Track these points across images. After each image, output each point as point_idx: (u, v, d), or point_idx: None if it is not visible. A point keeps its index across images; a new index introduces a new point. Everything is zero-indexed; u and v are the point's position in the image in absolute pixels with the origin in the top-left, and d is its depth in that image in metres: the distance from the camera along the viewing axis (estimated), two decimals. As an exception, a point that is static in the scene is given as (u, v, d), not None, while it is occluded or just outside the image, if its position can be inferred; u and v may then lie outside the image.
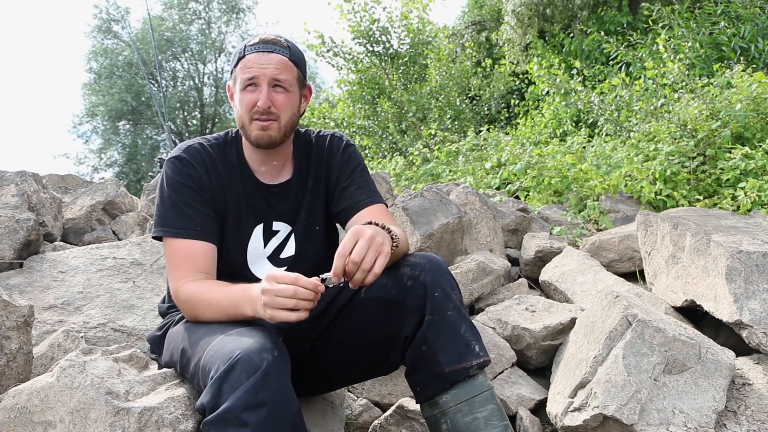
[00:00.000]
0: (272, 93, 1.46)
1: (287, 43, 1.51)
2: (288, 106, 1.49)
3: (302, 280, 1.18)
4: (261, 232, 1.57)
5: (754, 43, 6.44)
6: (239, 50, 1.50)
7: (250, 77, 1.45)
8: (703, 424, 1.55)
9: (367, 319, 1.46)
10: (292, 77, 1.49)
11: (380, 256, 1.23)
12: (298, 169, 1.61)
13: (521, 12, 9.35)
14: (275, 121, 1.47)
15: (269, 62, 1.46)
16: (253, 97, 1.46)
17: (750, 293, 1.82)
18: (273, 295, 1.19)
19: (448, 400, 1.38)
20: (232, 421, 1.11)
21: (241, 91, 1.47)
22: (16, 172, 2.93)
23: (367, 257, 1.21)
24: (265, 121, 1.46)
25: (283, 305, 1.18)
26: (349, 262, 1.21)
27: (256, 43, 1.48)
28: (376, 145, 10.02)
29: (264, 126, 1.47)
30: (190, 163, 1.49)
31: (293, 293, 1.17)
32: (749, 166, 3.73)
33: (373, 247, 1.23)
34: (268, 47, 1.47)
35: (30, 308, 1.58)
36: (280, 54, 1.47)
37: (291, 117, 1.51)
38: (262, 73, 1.45)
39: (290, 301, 1.18)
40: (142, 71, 17.27)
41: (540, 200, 4.61)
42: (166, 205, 1.48)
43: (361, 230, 1.25)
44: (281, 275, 1.20)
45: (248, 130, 1.49)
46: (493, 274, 2.60)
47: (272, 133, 1.48)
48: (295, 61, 1.50)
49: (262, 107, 1.45)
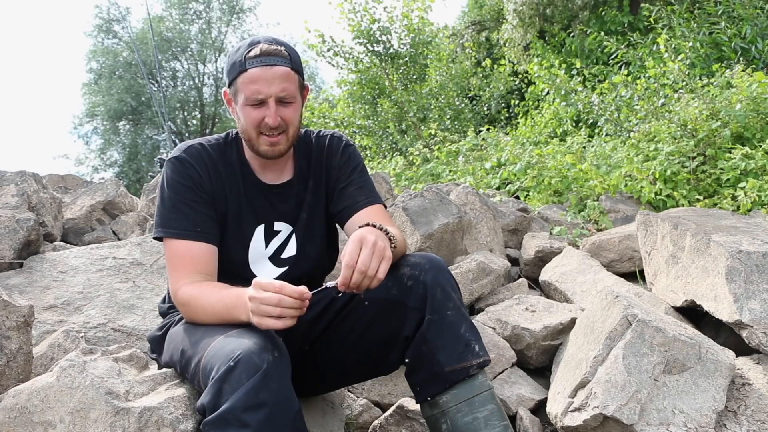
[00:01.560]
0: (280, 109, 1.44)
1: (287, 50, 1.47)
2: (295, 117, 1.48)
3: (287, 288, 1.18)
4: (262, 232, 1.57)
5: (754, 43, 6.44)
6: (239, 61, 1.44)
7: (256, 97, 1.42)
8: (703, 424, 1.55)
9: (367, 320, 1.47)
10: (295, 87, 1.47)
11: (383, 261, 1.25)
12: (298, 169, 1.61)
13: (522, 12, 9.35)
14: (284, 133, 1.47)
15: (274, 78, 1.42)
16: (260, 113, 1.44)
17: (750, 293, 1.82)
18: (258, 303, 1.19)
19: (448, 400, 1.38)
20: (233, 421, 1.11)
21: (245, 106, 1.45)
22: (16, 172, 2.93)
23: (371, 264, 1.23)
24: (275, 137, 1.46)
25: (269, 313, 1.18)
26: (356, 272, 1.22)
27: (257, 55, 1.42)
28: (376, 145, 10.02)
29: (274, 142, 1.46)
30: (190, 164, 1.49)
31: (278, 302, 1.17)
32: (749, 166, 3.73)
33: (376, 253, 1.24)
34: (270, 60, 1.42)
35: (30, 308, 1.58)
36: (283, 65, 1.44)
37: (297, 125, 1.51)
38: (268, 91, 1.42)
39: (275, 309, 1.17)
40: (142, 71, 17.26)
41: (540, 200, 4.61)
42: (166, 206, 1.47)
43: (363, 237, 1.25)
44: (266, 283, 1.19)
45: (256, 144, 1.48)
46: (493, 274, 2.60)
47: (281, 147, 1.49)
48: (296, 68, 1.48)
49: (272, 125, 1.44)
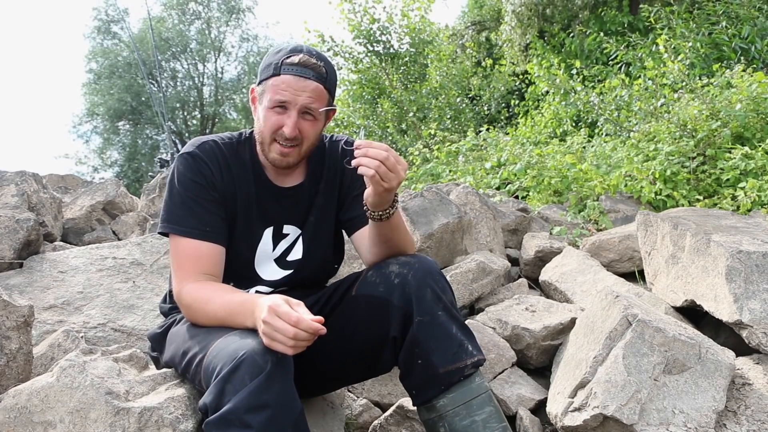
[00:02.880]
0: (300, 120, 1.43)
1: (325, 67, 1.45)
2: (313, 132, 1.47)
3: (303, 323, 1.14)
4: (271, 234, 1.56)
5: (754, 43, 6.44)
6: (275, 63, 1.42)
7: (281, 100, 1.41)
8: (703, 424, 1.55)
9: (357, 318, 1.46)
10: (322, 105, 1.45)
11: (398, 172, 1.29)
12: (311, 172, 1.60)
13: (521, 12, 9.35)
14: (297, 146, 1.46)
15: (304, 90, 1.41)
16: (280, 120, 1.43)
17: (750, 293, 1.82)
18: (272, 329, 1.15)
19: (445, 403, 1.37)
20: (235, 422, 1.11)
21: (268, 108, 1.44)
22: (16, 172, 2.93)
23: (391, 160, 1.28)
24: (287, 148, 1.45)
25: (282, 342, 1.15)
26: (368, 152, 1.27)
27: (296, 63, 1.41)
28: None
29: (285, 152, 1.45)
30: (203, 161, 1.47)
31: (293, 335, 1.14)
32: (749, 166, 3.73)
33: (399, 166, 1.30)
34: (306, 72, 1.41)
35: (30, 308, 1.58)
36: (317, 81, 1.42)
37: (313, 142, 1.50)
38: (294, 101, 1.41)
39: (289, 341, 1.15)
40: (142, 71, 17.25)
41: (540, 200, 4.61)
42: (175, 202, 1.45)
43: (396, 154, 1.31)
44: (284, 311, 1.15)
45: (267, 150, 1.47)
46: (493, 274, 2.60)
47: (290, 160, 1.48)
48: (329, 88, 1.47)
49: (289, 136, 1.42)
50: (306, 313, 1.16)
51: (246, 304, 1.26)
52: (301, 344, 1.16)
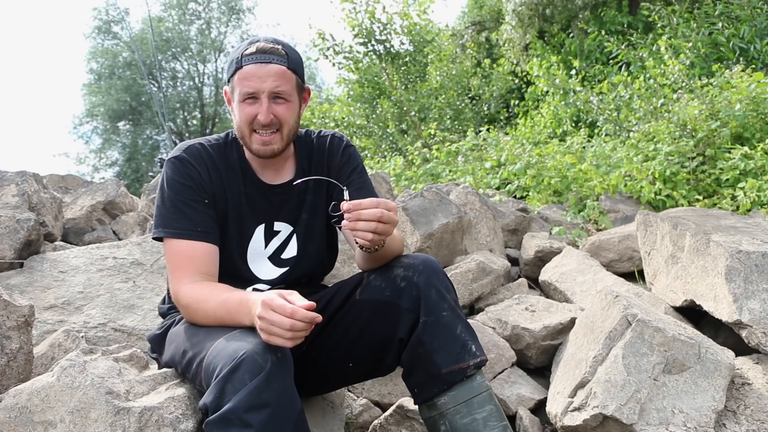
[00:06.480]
0: (273, 105, 1.44)
1: (284, 49, 1.47)
2: (289, 115, 1.48)
3: (299, 313, 1.15)
4: (262, 232, 1.57)
5: (753, 43, 6.44)
6: (236, 58, 1.46)
7: (248, 91, 1.43)
8: (702, 424, 1.55)
9: (362, 322, 1.47)
10: (291, 86, 1.47)
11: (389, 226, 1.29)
12: (299, 169, 1.61)
13: (521, 12, 9.36)
14: (277, 132, 1.47)
15: (268, 75, 1.42)
16: (253, 110, 1.44)
17: (749, 293, 1.82)
18: (268, 323, 1.16)
19: (446, 401, 1.38)
20: (235, 421, 1.11)
21: (240, 103, 1.45)
22: (17, 172, 2.93)
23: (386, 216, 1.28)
24: (267, 136, 1.46)
25: (279, 335, 1.16)
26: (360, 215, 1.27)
27: (253, 53, 1.43)
28: (375, 145, 10.02)
29: (266, 141, 1.46)
30: (190, 163, 1.49)
31: (290, 327, 1.15)
32: (749, 166, 3.73)
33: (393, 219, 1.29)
34: (266, 58, 1.43)
35: (30, 308, 1.58)
36: (278, 64, 1.44)
37: (293, 125, 1.50)
38: (260, 88, 1.42)
39: (286, 332, 1.15)
40: (142, 71, 17.26)
41: (540, 200, 4.62)
42: (166, 206, 1.47)
43: (386, 203, 1.30)
44: (278, 305, 1.16)
45: (249, 142, 1.48)
46: (493, 274, 2.60)
47: (275, 147, 1.48)
48: (294, 68, 1.48)
49: (264, 122, 1.43)
50: (300, 300, 1.17)
51: (243, 302, 1.27)
52: (299, 335, 1.17)
